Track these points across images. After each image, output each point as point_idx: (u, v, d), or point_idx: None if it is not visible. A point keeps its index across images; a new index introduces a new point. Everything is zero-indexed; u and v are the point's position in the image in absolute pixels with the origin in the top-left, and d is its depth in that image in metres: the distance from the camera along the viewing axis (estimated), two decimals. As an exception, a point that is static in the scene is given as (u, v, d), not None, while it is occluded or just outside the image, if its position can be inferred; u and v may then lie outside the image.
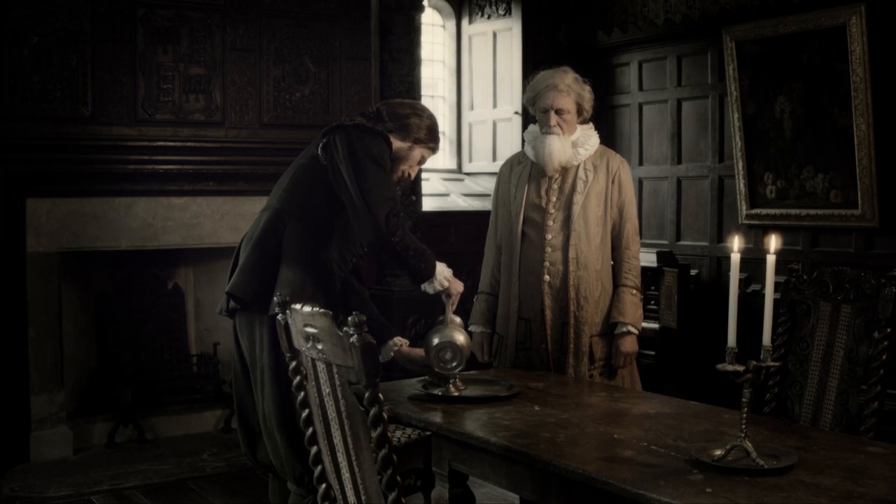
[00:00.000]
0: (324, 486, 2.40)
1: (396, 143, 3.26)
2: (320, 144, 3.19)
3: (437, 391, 3.16)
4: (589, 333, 3.63)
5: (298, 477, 3.04)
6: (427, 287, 3.23)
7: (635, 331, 3.66)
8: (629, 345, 3.65)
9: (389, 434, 2.10)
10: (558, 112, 3.61)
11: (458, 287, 3.27)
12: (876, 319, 2.95)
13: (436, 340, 3.19)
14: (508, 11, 7.01)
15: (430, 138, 3.34)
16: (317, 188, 3.19)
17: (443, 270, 3.23)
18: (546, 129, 3.63)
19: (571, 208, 3.63)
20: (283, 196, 3.23)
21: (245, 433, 3.30)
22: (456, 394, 3.15)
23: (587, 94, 3.67)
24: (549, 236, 3.66)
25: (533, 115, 3.75)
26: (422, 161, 3.39)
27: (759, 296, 5.48)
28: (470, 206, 7.02)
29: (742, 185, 5.77)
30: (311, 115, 5.74)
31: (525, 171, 3.76)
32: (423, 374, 3.32)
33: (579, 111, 3.67)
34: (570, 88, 3.62)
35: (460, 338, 3.20)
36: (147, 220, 5.39)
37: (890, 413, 3.21)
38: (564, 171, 3.68)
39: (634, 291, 3.67)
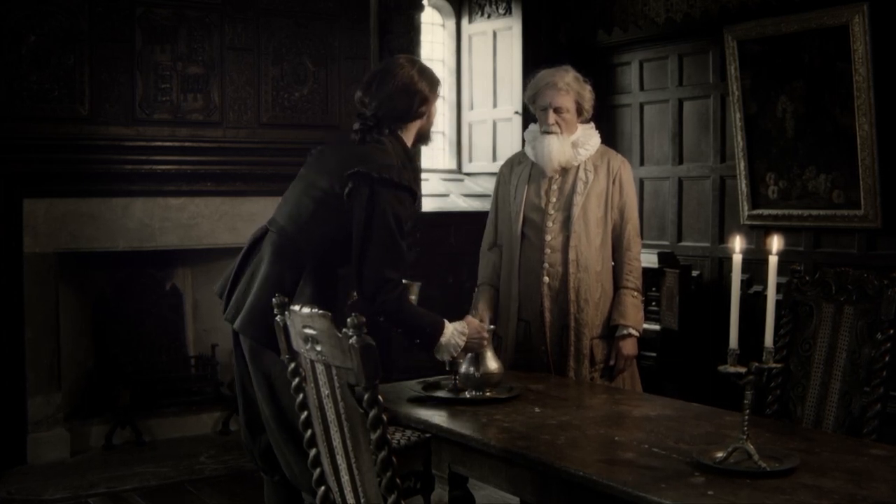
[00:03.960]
0: (323, 488, 2.38)
1: (405, 139, 3.15)
2: (346, 189, 3.01)
3: (437, 393, 3.14)
4: (589, 336, 3.60)
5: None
6: (438, 358, 3.14)
7: (636, 333, 3.63)
8: (630, 347, 3.62)
9: (389, 436, 2.09)
10: (557, 111, 3.59)
11: (476, 339, 3.13)
12: (878, 321, 2.93)
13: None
14: (508, 10, 6.99)
15: (430, 94, 3.16)
16: (339, 232, 3.04)
17: (451, 338, 3.08)
18: (545, 128, 3.61)
19: (571, 209, 3.61)
20: (307, 234, 3.06)
21: (248, 427, 3.25)
22: (455, 395, 3.13)
23: (587, 93, 3.65)
24: (548, 237, 3.63)
25: (533, 113, 3.73)
26: (433, 111, 3.23)
27: (761, 297, 5.46)
28: (470, 206, 6.99)
29: (744, 186, 5.74)
30: (310, 115, 5.72)
31: (525, 172, 3.73)
32: (421, 376, 3.30)
33: (579, 110, 3.64)
34: (569, 87, 3.59)
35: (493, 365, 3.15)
36: (144, 221, 5.37)
37: (893, 415, 3.18)
38: (565, 171, 3.66)
39: (635, 293, 3.64)
